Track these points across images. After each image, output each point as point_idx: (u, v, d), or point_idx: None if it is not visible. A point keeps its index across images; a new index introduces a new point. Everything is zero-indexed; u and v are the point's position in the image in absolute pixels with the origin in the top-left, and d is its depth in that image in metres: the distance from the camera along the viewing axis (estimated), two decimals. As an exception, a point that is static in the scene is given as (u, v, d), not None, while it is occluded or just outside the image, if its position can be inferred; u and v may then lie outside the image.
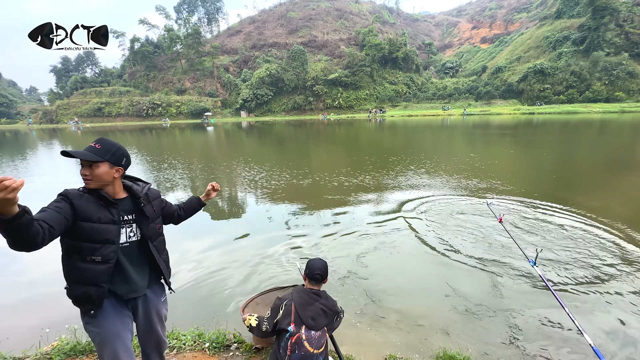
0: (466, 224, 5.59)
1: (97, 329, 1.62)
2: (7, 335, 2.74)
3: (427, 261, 4.40)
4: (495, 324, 3.06)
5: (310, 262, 2.09)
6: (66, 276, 1.59)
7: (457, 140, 20.47)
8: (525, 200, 6.81)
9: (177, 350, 2.47)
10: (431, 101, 68.55)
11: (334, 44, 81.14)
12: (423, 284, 3.87)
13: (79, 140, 29.65)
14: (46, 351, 2.47)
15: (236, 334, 2.67)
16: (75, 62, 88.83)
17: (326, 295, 2.04)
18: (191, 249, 4.86)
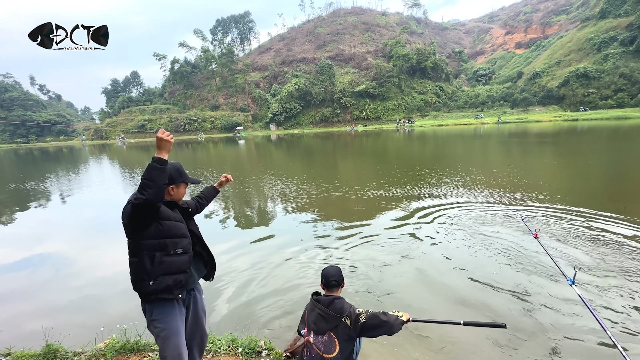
0: (500, 240, 5.36)
1: (163, 325, 1.84)
2: (69, 332, 3.09)
3: (455, 278, 4.28)
4: (528, 349, 2.91)
5: (324, 271, 2.19)
6: (148, 274, 1.78)
7: (492, 150, 19.59)
8: (566, 213, 6.38)
9: (213, 354, 2.64)
10: (462, 110, 66.44)
11: (361, 57, 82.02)
12: (449, 303, 3.76)
13: (124, 155, 32.28)
14: (100, 348, 2.75)
15: (267, 341, 2.79)
16: (123, 84, 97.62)
17: (331, 301, 2.05)
18: (221, 256, 5.12)
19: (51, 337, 2.87)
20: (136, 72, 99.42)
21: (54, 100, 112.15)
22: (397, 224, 6.39)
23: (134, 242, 1.79)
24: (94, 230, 7.47)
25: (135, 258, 1.79)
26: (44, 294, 4.40)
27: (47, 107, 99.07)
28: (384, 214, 7.13)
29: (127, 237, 1.80)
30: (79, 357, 2.67)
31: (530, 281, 4.00)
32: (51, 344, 2.76)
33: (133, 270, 1.82)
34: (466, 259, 4.76)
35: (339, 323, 2.00)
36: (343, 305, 2.06)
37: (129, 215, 1.71)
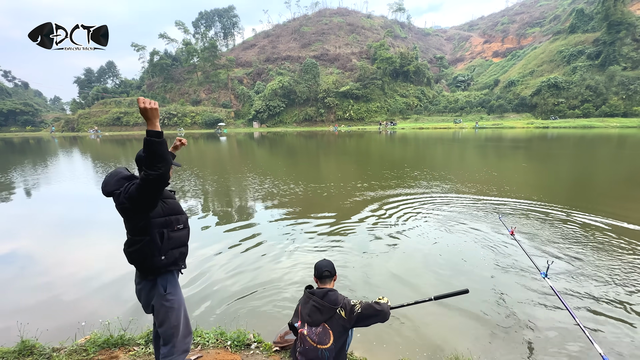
0: (477, 237, 5.62)
1: (174, 296, 2.00)
2: (46, 328, 2.95)
3: (431, 274, 4.45)
4: (505, 339, 3.10)
5: (317, 264, 2.25)
6: (159, 250, 1.89)
7: (470, 153, 20.38)
8: (539, 209, 6.78)
9: (202, 347, 2.61)
10: (442, 114, 68.53)
11: (345, 58, 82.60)
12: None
13: (97, 149, 30.80)
14: (81, 343, 2.65)
15: (255, 334, 2.80)
16: (98, 74, 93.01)
17: (325, 292, 2.10)
18: (206, 253, 5.05)
19: (26, 334, 2.73)
20: (112, 62, 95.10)
21: (19, 88, 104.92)
22: (375, 221, 6.54)
23: (144, 222, 1.84)
24: (65, 226, 7.12)
25: (146, 236, 1.85)
26: (13, 290, 4.16)
27: (12, 95, 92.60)
28: (364, 211, 7.27)
29: (131, 220, 1.85)
30: (58, 353, 2.56)
31: (506, 276, 4.25)
32: (26, 340, 2.64)
33: (141, 249, 1.87)
34: (443, 254, 4.96)
35: (334, 314, 2.04)
36: (337, 297, 2.10)
37: (140, 194, 1.72)
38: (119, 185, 1.83)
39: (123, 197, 1.77)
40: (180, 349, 2.04)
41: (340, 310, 2.06)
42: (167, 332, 1.99)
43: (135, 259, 1.90)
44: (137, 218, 1.84)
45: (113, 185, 1.84)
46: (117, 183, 1.84)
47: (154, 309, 1.97)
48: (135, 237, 1.87)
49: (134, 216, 1.83)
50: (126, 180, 1.85)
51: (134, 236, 1.87)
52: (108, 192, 1.85)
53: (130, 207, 1.77)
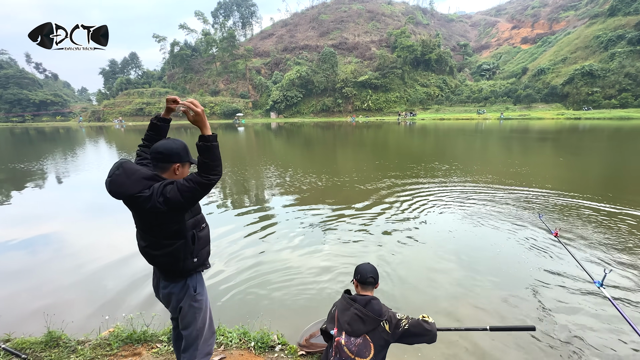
0: (517, 238, 5.27)
1: (203, 297, 1.90)
2: (71, 319, 2.96)
3: (471, 274, 4.19)
4: (555, 354, 2.83)
5: (360, 268, 2.05)
6: (191, 252, 1.78)
7: (495, 145, 19.45)
8: (581, 205, 6.29)
9: (225, 347, 2.52)
10: (465, 104, 65.98)
11: (364, 46, 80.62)
12: (469, 307, 3.67)
13: (122, 138, 31.81)
14: (105, 337, 2.63)
15: (279, 335, 2.68)
16: (121, 65, 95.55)
17: (367, 301, 1.93)
18: (224, 244, 5.00)
19: (53, 324, 2.74)
20: (135, 53, 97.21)
21: (50, 80, 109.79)
22: (400, 214, 6.28)
23: (179, 225, 1.70)
24: (94, 213, 7.30)
25: (182, 239, 1.73)
26: (43, 277, 4.27)
27: (44, 86, 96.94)
28: (386, 204, 7.02)
29: (163, 224, 1.64)
30: (82, 346, 2.54)
31: (553, 283, 3.88)
32: (53, 331, 2.64)
33: (173, 252, 1.72)
34: (478, 256, 4.66)
35: (377, 326, 1.86)
36: (381, 307, 1.92)
37: (195, 198, 1.59)
38: (142, 186, 1.58)
39: (158, 201, 1.55)
40: (203, 352, 1.93)
41: (384, 323, 1.87)
42: (192, 334, 1.88)
43: (163, 262, 1.75)
44: (172, 222, 1.66)
45: (133, 186, 1.57)
46: (139, 184, 1.58)
47: (180, 311, 1.85)
48: (165, 241, 1.70)
49: (168, 220, 1.65)
50: (150, 181, 1.60)
51: (164, 240, 1.70)
52: (126, 194, 1.57)
53: (169, 210, 1.57)
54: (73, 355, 2.42)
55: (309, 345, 2.53)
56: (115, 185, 1.58)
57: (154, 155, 1.70)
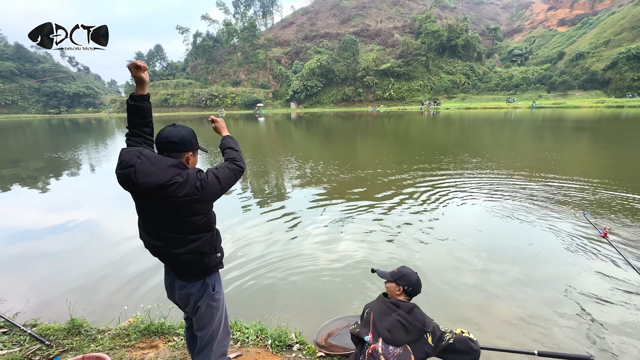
0: (559, 237, 4.86)
1: (220, 296, 1.82)
2: (93, 309, 3.02)
3: (508, 274, 3.89)
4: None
5: (411, 278, 1.82)
6: (215, 247, 1.71)
7: (528, 136, 18.28)
8: (628, 202, 5.72)
9: (241, 344, 2.45)
10: (493, 92, 62.61)
11: (387, 33, 78.00)
12: (501, 310, 3.41)
13: (148, 128, 32.87)
14: (124, 327, 2.63)
15: (297, 333, 2.58)
16: (147, 57, 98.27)
17: (411, 308, 1.75)
18: (243, 234, 4.96)
19: (75, 312, 2.78)
20: (160, 45, 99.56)
21: (82, 73, 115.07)
22: (424, 209, 5.98)
23: (208, 216, 1.62)
24: (123, 201, 7.53)
25: (210, 232, 1.65)
26: (71, 263, 4.41)
27: (77, 79, 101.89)
28: (413, 197, 6.72)
29: (193, 216, 1.53)
30: (102, 335, 2.55)
31: (613, 299, 3.32)
32: (75, 319, 2.67)
33: (199, 248, 1.60)
34: (515, 259, 4.32)
35: (421, 337, 1.68)
36: (424, 317, 1.74)
37: (230, 183, 1.63)
38: (172, 173, 1.45)
39: (195, 186, 1.46)
40: (217, 353, 1.84)
41: (427, 335, 1.68)
42: (207, 335, 1.78)
43: (187, 261, 1.60)
44: (204, 212, 1.56)
45: (163, 174, 1.43)
46: (169, 171, 1.45)
47: (197, 311, 1.74)
48: (191, 236, 1.57)
49: (200, 210, 1.53)
50: (177, 168, 1.48)
51: (190, 235, 1.57)
52: (156, 183, 1.42)
53: (204, 197, 1.49)
54: (93, 344, 2.43)
55: (328, 346, 2.40)
56: (143, 174, 1.43)
57: (167, 145, 1.56)
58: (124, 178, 1.45)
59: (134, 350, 2.37)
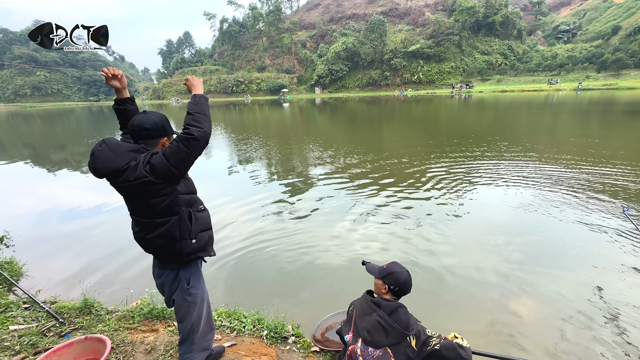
0: (595, 234, 4.43)
1: (197, 290, 1.78)
2: (103, 289, 3.18)
3: (531, 279, 3.60)
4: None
5: (399, 276, 1.68)
6: (189, 232, 1.65)
7: (571, 121, 16.74)
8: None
9: (237, 333, 2.45)
10: (534, 73, 57.80)
11: (417, 11, 73.85)
12: (526, 318, 3.16)
13: (176, 114, 34.05)
14: (130, 309, 2.74)
15: (295, 325, 2.54)
16: (177, 45, 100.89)
17: (394, 308, 1.62)
18: (256, 218, 4.98)
19: (89, 292, 2.93)
20: (188, 32, 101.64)
21: (118, 61, 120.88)
22: (449, 199, 5.67)
23: (170, 198, 1.55)
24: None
25: (174, 216, 1.59)
26: (94, 243, 4.66)
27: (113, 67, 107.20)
28: (438, 186, 6.40)
29: (153, 197, 1.50)
30: (110, 316, 2.67)
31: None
32: (88, 299, 2.81)
33: (168, 231, 1.58)
34: (546, 249, 3.98)
35: (403, 340, 1.56)
36: (409, 318, 1.61)
37: (182, 158, 1.44)
38: (129, 158, 1.45)
39: (144, 170, 1.44)
40: (199, 346, 1.84)
41: (411, 338, 1.57)
42: (187, 328, 1.79)
43: (159, 245, 1.60)
44: (162, 194, 1.51)
45: (119, 159, 1.43)
46: (126, 156, 1.45)
47: (174, 303, 1.75)
48: (158, 220, 1.56)
49: (157, 192, 1.50)
50: (137, 153, 1.48)
51: (156, 218, 1.56)
52: (111, 169, 1.43)
53: (156, 178, 1.44)
54: (100, 324, 2.54)
55: (324, 341, 2.34)
56: (100, 160, 1.43)
57: (140, 132, 1.53)
58: (88, 167, 1.48)
59: (136, 332, 2.45)
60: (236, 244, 4.29)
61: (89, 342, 2.13)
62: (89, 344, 2.13)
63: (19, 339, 2.34)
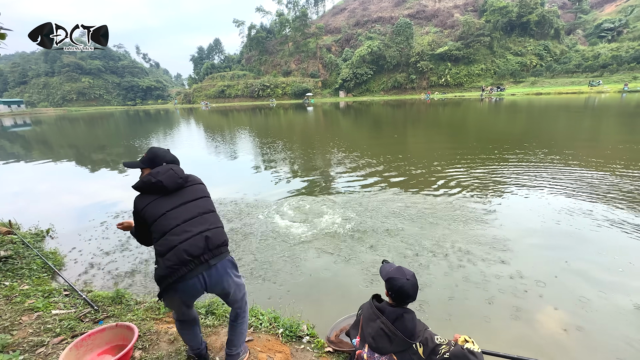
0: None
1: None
2: (132, 284, 3.40)
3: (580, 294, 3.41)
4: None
5: (396, 282, 1.63)
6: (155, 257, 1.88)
7: (617, 126, 15.56)
8: None
9: (254, 329, 2.54)
10: (573, 75, 54.33)
11: (446, 13, 72.12)
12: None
13: (206, 118, 35.46)
14: (156, 302, 2.91)
15: (309, 326, 2.58)
16: (207, 51, 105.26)
17: (399, 315, 1.59)
18: (278, 225, 5.08)
19: (120, 284, 3.16)
20: (218, 39, 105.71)
21: (153, 68, 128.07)
22: (480, 208, 5.48)
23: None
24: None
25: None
26: (128, 241, 4.97)
27: (149, 74, 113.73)
28: (468, 193, 6.21)
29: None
30: (138, 306, 2.86)
31: None
32: (119, 290, 3.03)
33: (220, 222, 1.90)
34: (595, 272, 3.77)
35: (408, 348, 1.55)
36: (415, 326, 1.59)
37: None
38: None
39: None
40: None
41: (417, 346, 1.55)
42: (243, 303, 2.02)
43: (222, 233, 1.85)
44: None
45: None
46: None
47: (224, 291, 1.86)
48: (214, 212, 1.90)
49: None
50: None
51: (213, 211, 1.89)
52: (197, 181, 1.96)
53: None
54: (130, 313, 2.73)
55: (338, 342, 2.36)
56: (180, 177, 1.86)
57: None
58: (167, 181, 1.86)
59: (161, 323, 2.61)
60: (256, 243, 4.42)
61: (119, 329, 2.30)
62: (119, 330, 2.30)
63: (60, 323, 2.56)
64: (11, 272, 3.52)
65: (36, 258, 3.84)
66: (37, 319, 2.62)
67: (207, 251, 1.69)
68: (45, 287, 3.19)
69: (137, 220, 1.80)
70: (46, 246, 4.51)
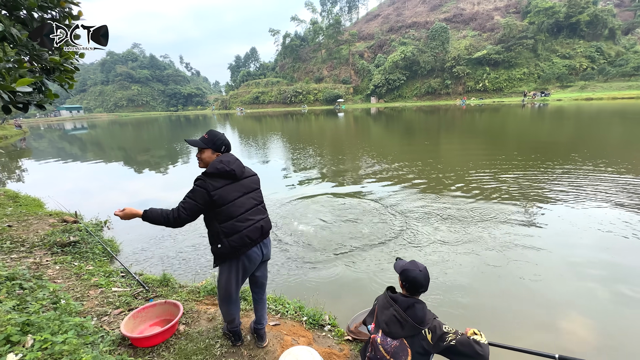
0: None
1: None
2: (175, 270, 3.83)
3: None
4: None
5: (410, 274, 1.81)
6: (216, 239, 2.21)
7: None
8: None
9: (281, 316, 2.79)
10: (630, 78, 49.64)
11: (485, 15, 69.46)
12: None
13: (240, 123, 37.15)
14: (197, 286, 3.28)
15: (331, 316, 2.79)
16: (244, 59, 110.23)
17: (410, 304, 1.76)
18: (311, 224, 5.34)
19: (167, 269, 3.59)
20: (254, 48, 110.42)
21: (194, 76, 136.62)
22: (521, 221, 5.36)
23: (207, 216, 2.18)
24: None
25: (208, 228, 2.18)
26: (176, 234, 5.50)
27: (190, 81, 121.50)
28: (508, 209, 6.09)
29: None
30: (182, 289, 3.24)
31: None
32: (166, 274, 3.44)
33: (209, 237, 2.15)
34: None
35: (418, 333, 1.73)
36: (425, 314, 1.76)
37: None
38: None
39: None
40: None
41: (426, 332, 1.72)
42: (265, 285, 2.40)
43: (270, 221, 2.29)
44: None
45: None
46: None
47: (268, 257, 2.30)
48: (264, 203, 2.30)
49: None
50: None
51: (263, 202, 2.30)
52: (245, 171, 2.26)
53: None
54: (175, 295, 3.11)
55: (357, 333, 2.54)
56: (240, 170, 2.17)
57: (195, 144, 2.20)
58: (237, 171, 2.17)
59: (200, 304, 2.96)
60: (286, 238, 4.71)
61: (167, 305, 2.67)
62: (167, 307, 2.67)
63: (119, 298, 3.01)
64: (79, 254, 4.12)
65: (97, 244, 4.43)
66: (101, 294, 3.09)
67: (261, 236, 2.16)
68: (106, 269, 3.71)
69: (202, 200, 1.97)
70: (104, 235, 5.16)
